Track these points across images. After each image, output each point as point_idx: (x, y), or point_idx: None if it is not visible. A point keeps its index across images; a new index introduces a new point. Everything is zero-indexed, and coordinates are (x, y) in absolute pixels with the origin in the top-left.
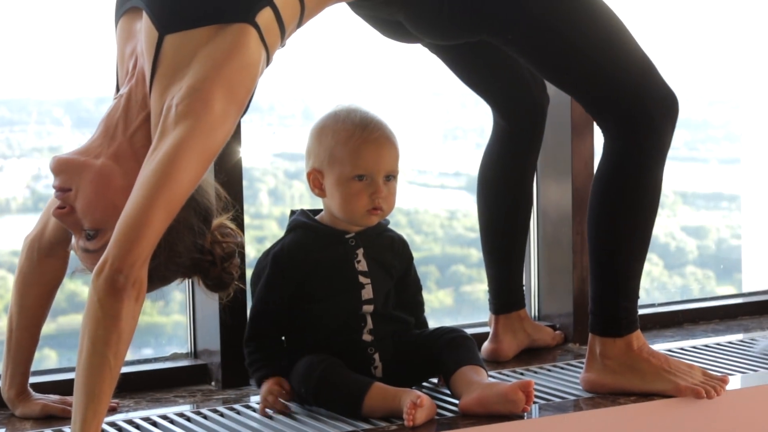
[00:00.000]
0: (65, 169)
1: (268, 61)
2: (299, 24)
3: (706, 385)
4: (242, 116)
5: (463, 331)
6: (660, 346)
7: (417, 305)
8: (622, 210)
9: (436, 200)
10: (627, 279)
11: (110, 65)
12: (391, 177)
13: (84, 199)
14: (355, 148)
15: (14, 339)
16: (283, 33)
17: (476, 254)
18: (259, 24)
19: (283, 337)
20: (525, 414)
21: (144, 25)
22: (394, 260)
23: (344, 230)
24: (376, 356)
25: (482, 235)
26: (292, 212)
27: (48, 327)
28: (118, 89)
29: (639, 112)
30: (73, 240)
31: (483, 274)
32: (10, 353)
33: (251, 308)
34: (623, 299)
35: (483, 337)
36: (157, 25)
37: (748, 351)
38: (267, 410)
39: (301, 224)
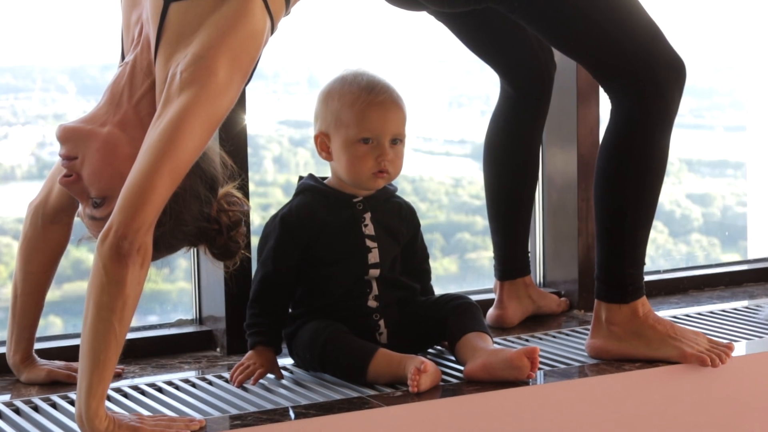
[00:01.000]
0: (71, 137)
1: (272, 30)
2: None
3: (712, 352)
4: (246, 84)
5: (468, 298)
6: (665, 313)
7: (423, 273)
8: (628, 176)
9: (441, 168)
10: (633, 245)
11: (115, 32)
12: (397, 140)
13: (90, 167)
14: (361, 110)
15: (19, 305)
16: (287, 1)
17: (481, 222)
18: None
19: (289, 304)
20: (530, 380)
21: None
22: (401, 226)
23: (352, 194)
24: (381, 322)
25: (488, 201)
26: (301, 177)
27: (53, 294)
28: (123, 57)
29: (646, 77)
30: (80, 208)
31: (488, 242)
32: (15, 319)
33: (258, 270)
34: (629, 266)
35: (488, 303)
36: None
37: (753, 318)
38: (238, 379)
39: (309, 187)
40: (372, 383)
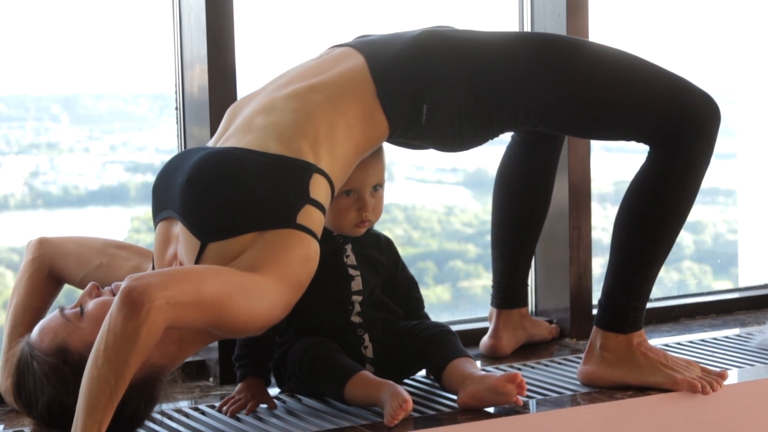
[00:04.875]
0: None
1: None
2: (334, 195)
3: (704, 380)
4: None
5: (445, 326)
6: (657, 341)
7: (414, 301)
8: (657, 214)
9: (433, 196)
10: (644, 280)
11: (108, 61)
12: (378, 187)
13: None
14: None
15: (19, 335)
16: (324, 213)
17: (474, 250)
18: (301, 223)
19: (276, 333)
20: (522, 408)
21: (183, 234)
22: (380, 256)
23: (332, 229)
24: (366, 337)
25: (495, 228)
26: None
27: None
28: None
29: (685, 127)
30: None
31: (480, 270)
32: (10, 346)
33: None
34: (636, 299)
35: (480, 332)
36: (198, 235)
37: (745, 345)
38: (230, 410)
39: None
40: (349, 403)
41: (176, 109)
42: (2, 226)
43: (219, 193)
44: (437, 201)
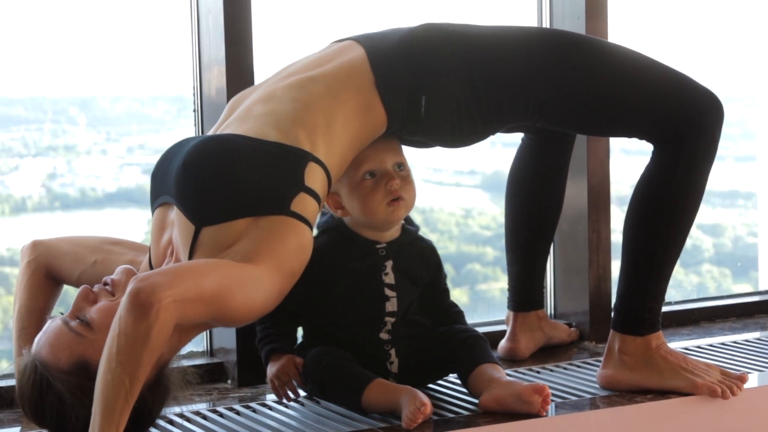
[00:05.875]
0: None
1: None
2: (330, 185)
3: (724, 384)
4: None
5: (475, 331)
6: (676, 345)
7: (443, 291)
8: (665, 215)
9: (451, 198)
10: (657, 281)
11: (125, 64)
12: (401, 165)
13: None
14: None
15: (26, 337)
16: (319, 202)
17: (491, 252)
18: (295, 211)
19: (299, 330)
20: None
21: (178, 219)
22: (422, 270)
23: (376, 240)
24: (392, 352)
25: (508, 232)
26: (322, 213)
27: None
28: (151, 267)
29: (687, 126)
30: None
31: (498, 273)
32: (21, 350)
33: None
34: (651, 300)
35: (498, 335)
36: (192, 219)
37: (765, 349)
38: (284, 394)
39: (334, 227)
40: (366, 411)
41: (194, 111)
42: (20, 228)
43: (214, 177)
44: (455, 204)
